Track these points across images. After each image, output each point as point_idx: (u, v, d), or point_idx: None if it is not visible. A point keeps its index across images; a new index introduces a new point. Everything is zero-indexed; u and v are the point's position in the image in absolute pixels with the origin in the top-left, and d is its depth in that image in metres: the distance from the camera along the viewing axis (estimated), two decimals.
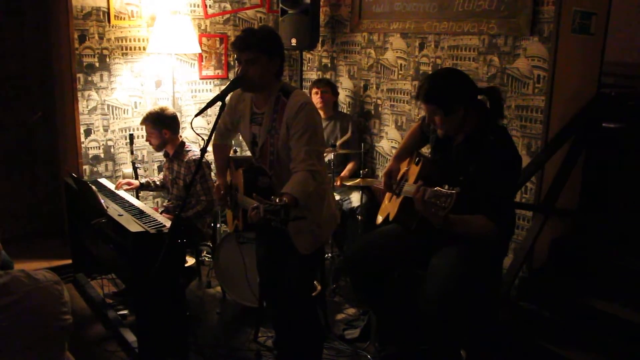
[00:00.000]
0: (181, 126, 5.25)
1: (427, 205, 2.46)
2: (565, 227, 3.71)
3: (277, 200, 2.39)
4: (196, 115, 2.70)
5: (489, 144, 2.70)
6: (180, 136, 4.22)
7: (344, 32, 5.32)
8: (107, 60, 4.93)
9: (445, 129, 2.82)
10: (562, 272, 3.59)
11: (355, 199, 4.68)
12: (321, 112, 4.89)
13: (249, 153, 3.06)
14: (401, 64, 4.78)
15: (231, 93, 2.80)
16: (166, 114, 4.08)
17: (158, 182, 4.39)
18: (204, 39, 5.37)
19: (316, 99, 4.84)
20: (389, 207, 3.27)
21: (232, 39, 5.29)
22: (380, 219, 3.30)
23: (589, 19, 3.57)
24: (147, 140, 4.19)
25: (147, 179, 4.37)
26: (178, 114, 5.18)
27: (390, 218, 3.11)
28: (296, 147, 2.68)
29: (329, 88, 4.87)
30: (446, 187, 2.44)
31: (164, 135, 4.07)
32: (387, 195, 3.32)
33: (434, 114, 2.78)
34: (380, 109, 5.02)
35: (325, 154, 4.23)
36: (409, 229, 2.96)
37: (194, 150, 4.13)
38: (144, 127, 4.21)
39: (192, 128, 3.00)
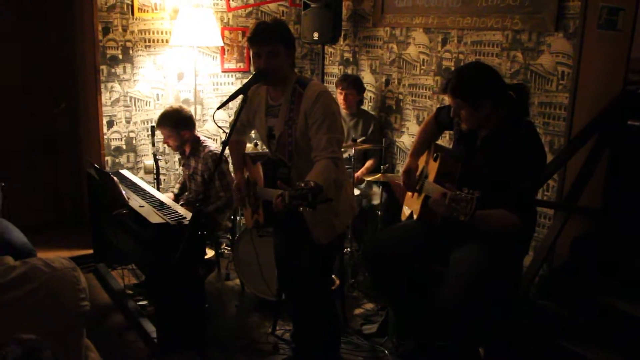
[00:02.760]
0: (203, 119, 5.31)
1: (449, 210, 2.43)
2: (587, 225, 3.67)
3: (303, 184, 2.38)
4: (218, 108, 2.71)
5: (515, 138, 2.68)
6: (196, 131, 4.19)
7: (366, 27, 5.30)
8: (130, 52, 4.95)
9: (471, 123, 2.79)
10: (583, 271, 3.55)
11: (376, 194, 4.69)
12: (344, 111, 4.89)
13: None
14: (423, 59, 4.76)
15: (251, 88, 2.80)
16: (184, 114, 4.03)
17: (178, 189, 4.40)
18: (226, 32, 5.38)
19: (340, 99, 4.82)
20: (412, 202, 3.25)
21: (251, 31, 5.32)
22: (406, 212, 3.29)
23: (616, 14, 3.52)
24: (164, 142, 4.11)
25: (179, 186, 4.38)
26: (199, 107, 5.22)
27: (415, 216, 3.10)
28: (316, 136, 2.69)
29: (354, 90, 4.82)
30: (465, 190, 2.39)
31: (183, 136, 4.03)
32: (409, 190, 3.30)
33: (460, 107, 2.75)
34: (401, 104, 5.00)
35: (344, 150, 4.28)
36: (434, 225, 2.94)
37: (210, 145, 4.10)
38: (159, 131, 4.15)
39: (215, 121, 3.01)
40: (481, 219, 2.49)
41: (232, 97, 2.67)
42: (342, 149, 2.99)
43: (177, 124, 4.01)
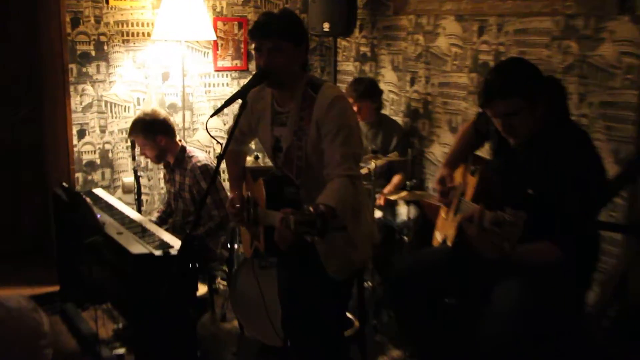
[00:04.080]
0: (192, 127, 5.35)
1: (486, 236, 2.43)
2: None
3: (312, 209, 2.37)
4: (212, 116, 2.70)
5: (561, 146, 2.69)
6: (180, 140, 4.23)
7: (386, 15, 5.30)
8: (105, 48, 4.98)
9: (526, 130, 2.73)
10: None
11: (402, 216, 4.69)
12: (360, 121, 4.84)
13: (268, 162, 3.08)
14: (456, 53, 4.74)
15: (252, 91, 2.82)
16: (156, 118, 4.08)
17: (163, 211, 4.45)
18: (220, 24, 5.41)
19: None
20: (446, 225, 3.26)
21: (253, 23, 5.29)
22: (438, 237, 3.30)
23: None
24: (141, 154, 4.19)
25: (157, 216, 4.42)
26: (189, 113, 5.27)
27: (449, 242, 3.11)
28: (330, 150, 2.71)
29: (367, 101, 4.81)
30: (509, 211, 2.37)
31: (159, 143, 4.08)
32: (444, 209, 3.31)
33: (514, 111, 2.68)
34: (430, 106, 4.98)
35: (363, 164, 4.25)
36: (471, 253, 2.85)
37: (198, 155, 4.14)
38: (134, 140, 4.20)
39: (207, 130, 2.97)
40: (519, 255, 2.51)
41: (228, 103, 2.67)
42: (361, 164, 3.00)
43: (148, 129, 4.05)
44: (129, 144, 4.96)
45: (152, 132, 4.06)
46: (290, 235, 2.40)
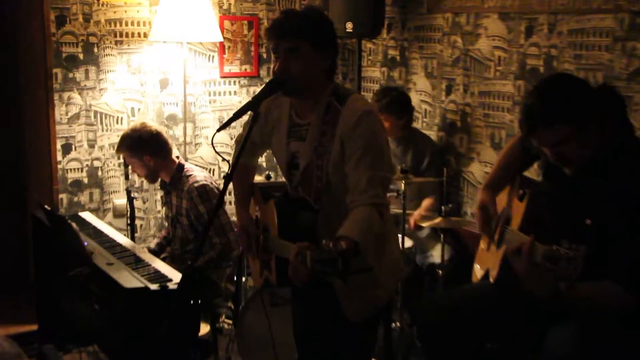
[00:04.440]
0: (195, 142, 5.36)
1: (537, 272, 2.42)
2: None
3: (331, 245, 2.34)
4: (219, 130, 2.71)
5: (626, 169, 2.66)
6: (178, 157, 4.24)
7: (419, 13, 5.30)
8: (95, 50, 4.99)
9: (582, 157, 2.69)
10: None
11: (435, 247, 4.70)
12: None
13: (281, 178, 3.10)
14: (499, 57, 4.72)
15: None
16: (141, 135, 4.09)
17: (163, 235, 4.49)
18: (227, 23, 5.42)
19: None
20: (488, 257, 3.25)
21: (265, 22, 5.40)
22: (478, 272, 3.30)
23: None
24: (133, 171, 4.27)
25: (156, 242, 4.46)
26: (190, 125, 5.29)
27: (492, 278, 3.09)
28: (355, 173, 2.70)
29: (390, 115, 4.81)
30: (565, 244, 2.34)
31: (147, 162, 4.12)
32: (485, 238, 3.30)
33: (561, 143, 2.65)
34: (469, 119, 4.97)
35: (391, 186, 4.20)
36: (518, 291, 2.80)
37: (197, 174, 4.16)
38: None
39: (213, 146, 2.96)
40: (577, 296, 2.49)
41: (238, 115, 2.68)
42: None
43: (134, 147, 4.09)
44: (121, 160, 4.98)
45: (139, 151, 4.09)
46: (306, 272, 2.39)
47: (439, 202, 4.74)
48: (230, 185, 2.67)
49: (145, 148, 4.08)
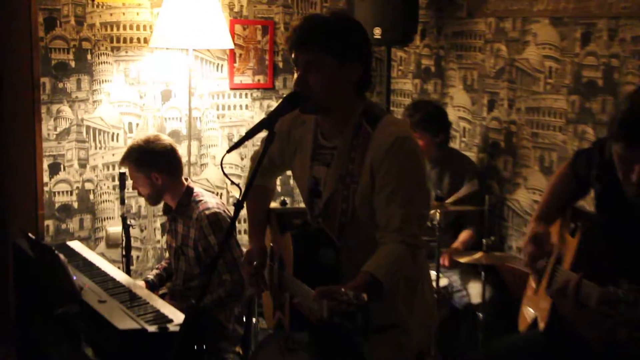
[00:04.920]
0: (200, 162, 5.37)
1: (590, 316, 2.44)
2: None
3: (352, 295, 2.31)
4: (229, 151, 2.68)
5: None
6: (187, 179, 4.23)
7: (457, 17, 5.31)
8: (89, 57, 4.99)
9: None
10: None
11: (474, 286, 4.69)
12: None
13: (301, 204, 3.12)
14: (551, 68, 4.69)
15: (288, 114, 2.86)
16: (154, 147, 4.09)
17: (163, 266, 4.49)
18: (239, 28, 5.44)
19: None
20: (538, 301, 3.22)
21: (282, 27, 5.46)
22: (527, 318, 3.25)
23: None
24: (133, 188, 4.24)
25: (156, 273, 4.46)
26: (196, 143, 5.33)
27: (541, 325, 3.06)
28: (387, 209, 2.70)
29: (425, 133, 4.79)
30: (625, 285, 2.38)
31: (154, 180, 4.08)
32: (534, 278, 3.28)
33: None
34: (514, 139, 4.93)
35: None
36: (574, 340, 2.84)
37: (207, 200, 4.13)
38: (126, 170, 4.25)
39: (222, 167, 2.89)
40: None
41: (251, 134, 2.66)
42: None
43: (143, 159, 4.06)
44: (116, 182, 4.95)
45: (147, 166, 4.05)
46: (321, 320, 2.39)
47: (479, 234, 4.72)
48: (244, 210, 2.69)
49: (155, 163, 4.06)
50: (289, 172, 3.66)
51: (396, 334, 2.83)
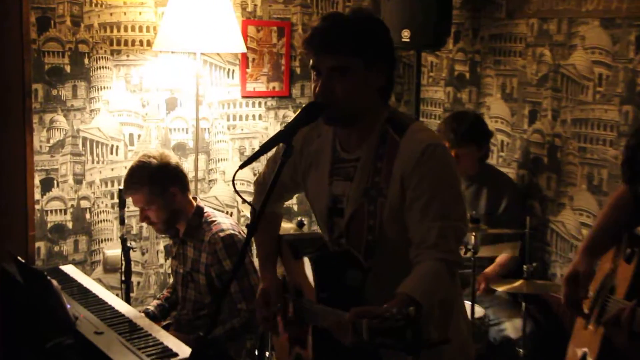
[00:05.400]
0: (209, 178, 5.41)
1: None
2: None
3: (396, 311, 2.27)
4: (242, 167, 2.65)
5: None
6: (195, 198, 4.25)
7: (495, 18, 5.33)
8: (86, 61, 5.02)
9: None
10: None
11: (513, 319, 4.68)
12: None
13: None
14: (601, 75, 4.68)
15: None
16: (165, 160, 4.12)
17: (165, 296, 4.50)
18: (252, 29, 5.46)
19: None
20: (585, 337, 3.23)
21: (299, 29, 5.49)
22: (576, 354, 3.25)
23: None
24: (142, 220, 4.22)
25: (157, 304, 4.47)
26: (203, 157, 5.36)
27: None
28: (421, 224, 2.69)
29: (471, 147, 4.85)
30: None
31: (171, 200, 4.09)
32: (578, 316, 3.31)
33: None
34: (559, 154, 4.93)
35: None
36: None
37: (222, 222, 4.14)
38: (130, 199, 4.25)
39: (234, 184, 2.85)
40: None
41: (266, 148, 2.67)
42: None
43: (157, 179, 4.04)
44: (115, 200, 4.98)
45: (164, 182, 4.05)
46: (358, 345, 2.36)
47: (520, 260, 4.68)
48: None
49: (171, 177, 4.08)
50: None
51: None
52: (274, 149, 2.82)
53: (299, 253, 3.02)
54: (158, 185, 4.04)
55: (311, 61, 2.78)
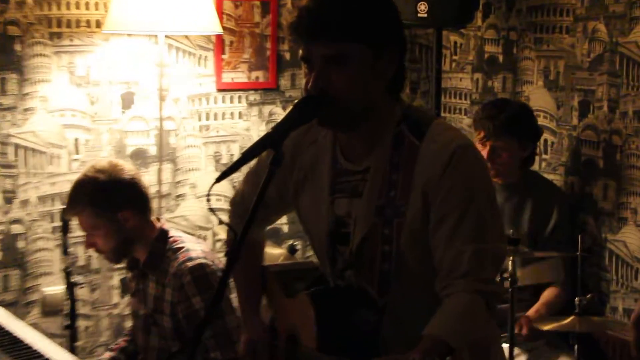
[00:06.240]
0: (175, 193, 5.40)
1: None
2: None
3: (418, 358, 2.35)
4: (220, 179, 2.55)
5: None
6: (159, 219, 4.22)
7: None
8: (17, 48, 5.00)
9: None
10: None
11: None
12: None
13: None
14: None
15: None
16: (117, 176, 4.06)
17: (120, 346, 4.47)
18: (229, 5, 5.50)
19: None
20: None
21: (289, 4, 5.57)
22: None
23: None
24: (88, 245, 4.18)
25: (110, 357, 4.41)
26: (169, 167, 5.20)
27: None
28: (450, 246, 2.66)
29: (512, 139, 4.83)
30: None
31: (123, 223, 4.04)
32: None
33: None
34: (619, 156, 4.93)
35: None
36: None
37: (190, 247, 4.10)
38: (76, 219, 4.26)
39: (208, 201, 2.81)
40: None
41: (248, 156, 2.60)
42: None
43: (101, 197, 4.00)
44: (56, 223, 4.98)
45: (111, 204, 4.00)
46: None
47: (570, 291, 4.67)
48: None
49: (122, 198, 4.04)
50: None
51: None
52: (257, 161, 2.85)
53: (291, 289, 3.02)
54: (105, 205, 4.01)
55: (300, 51, 2.74)
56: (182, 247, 4.06)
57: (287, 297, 3.03)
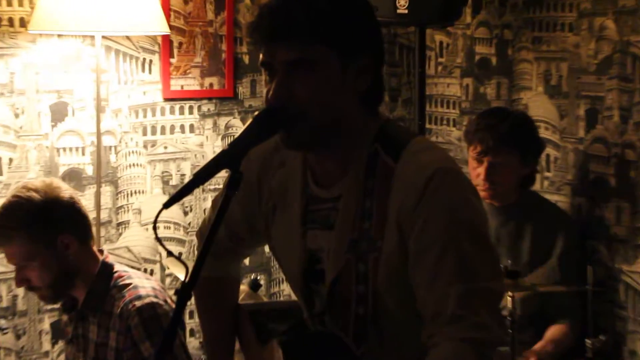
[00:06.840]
0: (116, 221, 5.49)
1: None
2: None
3: None
4: (168, 205, 2.51)
5: None
6: (101, 251, 4.12)
7: None
8: None
9: None
10: None
11: None
12: (486, 202, 4.96)
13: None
14: None
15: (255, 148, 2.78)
16: (54, 199, 3.95)
17: None
18: (176, 2, 5.60)
19: (478, 181, 4.89)
20: None
21: (247, 1, 5.51)
22: None
23: None
24: (19, 283, 4.07)
25: None
26: (109, 190, 5.15)
27: None
28: (432, 286, 2.65)
29: (517, 155, 4.82)
30: None
31: (63, 251, 3.92)
32: None
33: None
34: (633, 173, 4.91)
35: None
36: None
37: (137, 283, 4.02)
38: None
39: (155, 230, 2.61)
40: None
41: (203, 177, 2.57)
42: None
43: (37, 220, 3.88)
44: None
45: (50, 225, 3.90)
46: None
47: (580, 331, 4.68)
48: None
49: (61, 221, 3.93)
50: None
51: None
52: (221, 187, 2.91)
53: (265, 333, 3.03)
54: (42, 231, 3.88)
55: (261, 55, 2.72)
56: (129, 284, 4.00)
57: (261, 342, 3.03)
